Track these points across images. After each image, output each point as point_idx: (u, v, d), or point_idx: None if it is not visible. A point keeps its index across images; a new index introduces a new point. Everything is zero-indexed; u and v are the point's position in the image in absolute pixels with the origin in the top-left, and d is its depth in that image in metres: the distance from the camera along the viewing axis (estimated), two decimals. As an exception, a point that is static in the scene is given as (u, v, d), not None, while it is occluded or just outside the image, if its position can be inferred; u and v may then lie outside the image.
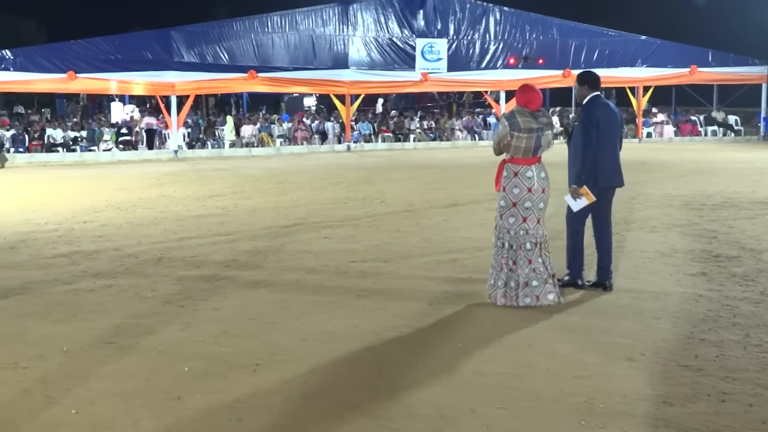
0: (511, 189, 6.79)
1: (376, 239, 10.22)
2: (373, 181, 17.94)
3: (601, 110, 7.19)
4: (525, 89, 6.88)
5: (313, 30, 30.25)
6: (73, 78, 26.58)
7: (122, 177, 20.21)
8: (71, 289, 7.63)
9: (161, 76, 27.76)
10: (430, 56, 31.71)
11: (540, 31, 33.28)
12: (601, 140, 7.09)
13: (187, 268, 8.60)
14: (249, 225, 11.67)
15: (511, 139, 6.70)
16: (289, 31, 29.87)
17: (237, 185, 17.44)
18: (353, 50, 30.83)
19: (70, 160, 26.40)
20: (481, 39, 32.54)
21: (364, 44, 30.99)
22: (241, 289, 7.57)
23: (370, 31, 31.06)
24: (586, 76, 7.42)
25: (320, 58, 30.35)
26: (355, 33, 30.84)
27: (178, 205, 14.15)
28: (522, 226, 6.78)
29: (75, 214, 13.00)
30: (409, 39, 31.54)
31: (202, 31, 28.92)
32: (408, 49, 31.55)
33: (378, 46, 31.18)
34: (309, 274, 8.22)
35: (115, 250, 9.76)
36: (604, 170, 7.17)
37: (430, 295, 7.18)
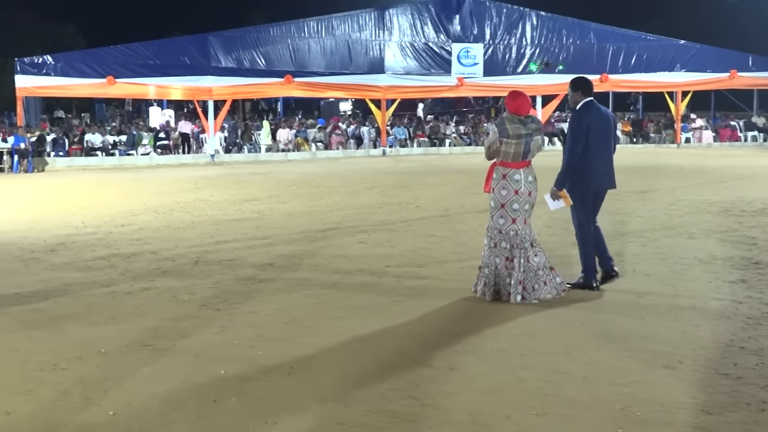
0: (499, 190, 7.13)
1: (411, 244, 10.21)
2: (409, 185, 17.94)
3: (593, 116, 7.41)
4: (514, 95, 7.16)
5: (349, 35, 30.35)
6: (112, 83, 26.91)
7: (160, 181, 20.39)
8: (109, 292, 7.71)
9: (199, 81, 28.00)
10: (466, 61, 31.67)
11: (577, 36, 33.09)
12: (594, 145, 7.34)
13: (223, 271, 8.66)
14: (285, 229, 11.72)
15: (501, 145, 7.03)
16: (326, 36, 29.99)
17: (273, 189, 17.52)
18: (389, 55, 30.88)
19: (109, 164, 26.70)
20: (517, 44, 32.43)
21: (400, 49, 31.03)
22: (277, 292, 7.59)
23: (406, 35, 31.09)
24: (579, 82, 7.60)
25: (356, 63, 30.44)
26: (391, 38, 30.88)
27: (214, 208, 14.25)
28: (512, 227, 7.09)
29: (113, 218, 13.14)
30: (445, 44, 31.52)
31: (240, 37, 29.14)
32: (444, 54, 31.53)
33: (414, 51, 31.20)
34: (344, 278, 8.23)
35: (152, 253, 9.85)
36: (597, 174, 7.45)
37: (466, 301, 7.15)
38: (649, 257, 9.10)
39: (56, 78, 26.66)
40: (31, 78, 26.42)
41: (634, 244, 9.94)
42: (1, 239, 11.08)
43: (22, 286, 8.03)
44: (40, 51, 32.74)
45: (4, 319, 6.75)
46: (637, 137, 35.11)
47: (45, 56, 27.06)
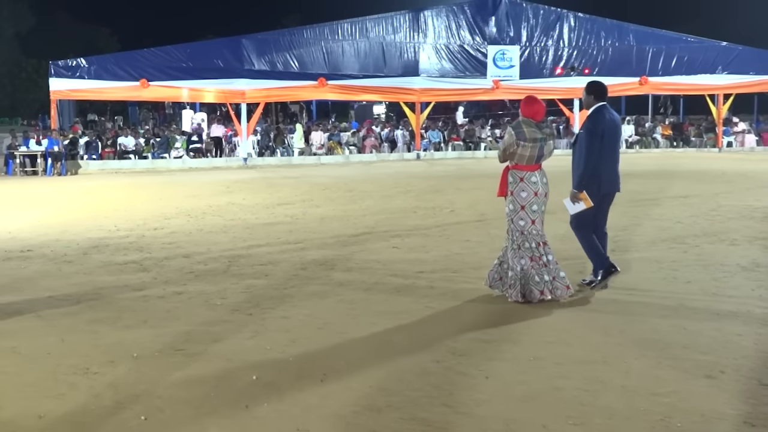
0: (518, 193, 7.36)
1: (445, 249, 10.18)
2: (443, 190, 17.91)
3: (607, 120, 7.69)
4: (530, 101, 7.47)
5: (384, 37, 30.41)
6: (145, 86, 27.22)
7: (192, 184, 20.55)
8: (141, 296, 7.77)
9: (232, 83, 28.23)
10: (502, 63, 31.59)
11: (616, 38, 32.87)
12: (605, 149, 7.65)
13: (255, 276, 8.69)
14: (317, 233, 11.75)
15: (517, 148, 7.30)
16: (360, 39, 30.07)
17: (306, 193, 17.58)
18: (424, 57, 30.90)
19: (142, 167, 26.96)
20: (554, 46, 32.29)
21: (435, 51, 31.03)
22: (310, 297, 7.61)
23: (441, 38, 31.09)
24: (593, 87, 7.92)
25: (390, 66, 30.49)
26: (426, 40, 30.89)
27: (247, 212, 14.32)
28: (533, 228, 7.33)
29: (146, 221, 13.26)
30: (480, 46, 31.48)
31: (273, 39, 29.33)
32: (479, 56, 31.49)
33: (449, 53, 31.19)
34: (378, 283, 8.23)
35: (184, 257, 9.92)
36: (607, 177, 7.75)
37: (502, 307, 7.12)
38: (689, 264, 9.00)
39: (90, 81, 27.03)
40: (65, 81, 26.80)
41: (674, 251, 9.84)
42: (35, 242, 11.22)
43: (54, 289, 8.13)
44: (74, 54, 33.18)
45: (37, 322, 6.83)
46: (678, 141, 34.77)
47: (79, 59, 27.44)
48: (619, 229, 11.64)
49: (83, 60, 27.25)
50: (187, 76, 27.83)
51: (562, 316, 6.78)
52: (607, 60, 32.59)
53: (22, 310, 7.20)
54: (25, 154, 25.32)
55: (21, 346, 6.08)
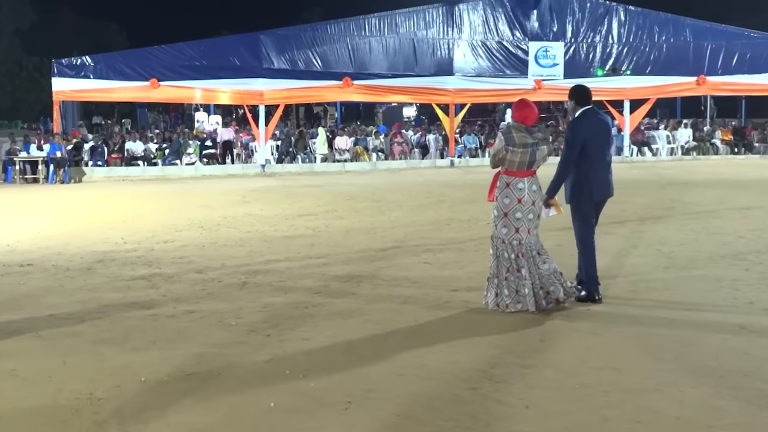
0: (502, 199, 7.87)
1: (481, 265, 10.13)
2: (479, 200, 17.85)
3: (589, 126, 8.10)
4: (521, 105, 7.98)
5: (415, 33, 30.44)
6: (155, 86, 27.36)
7: (206, 193, 20.67)
8: (150, 315, 7.82)
9: (249, 83, 28.31)
10: (545, 61, 31.51)
11: (670, 33, 32.68)
12: (592, 155, 8.06)
13: (273, 293, 8.73)
14: (342, 247, 11.77)
15: (506, 153, 7.79)
16: (388, 35, 30.11)
17: (329, 203, 17.62)
18: (458, 55, 30.89)
19: (151, 174, 27.11)
20: (602, 42, 32.17)
21: (471, 48, 31.02)
22: (333, 317, 7.63)
23: (478, 33, 31.07)
24: (574, 91, 8.34)
25: (422, 64, 30.50)
26: (461, 36, 30.89)
27: (265, 224, 14.38)
28: (515, 236, 7.76)
29: (155, 233, 13.35)
30: (521, 42, 31.43)
31: (294, 35, 29.39)
32: (520, 54, 31.43)
33: (486, 51, 31.16)
34: (407, 303, 8.23)
35: (197, 272, 9.98)
36: (598, 184, 8.17)
37: (543, 328, 7.09)
38: (752, 283, 8.92)
39: (96, 81, 27.17)
40: (68, 81, 26.97)
41: (735, 268, 9.76)
42: (35, 256, 11.34)
43: (56, 306, 8.20)
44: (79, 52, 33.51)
45: (38, 342, 6.90)
46: (739, 147, 34.48)
47: (84, 57, 27.62)
48: (675, 243, 11.58)
49: (88, 58, 27.42)
50: (200, 76, 27.94)
51: (610, 338, 6.74)
52: (661, 58, 32.39)
53: (22, 330, 7.27)
54: (25, 160, 25.48)
55: (20, 369, 6.14)
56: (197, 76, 27.92)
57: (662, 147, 33.03)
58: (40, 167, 25.28)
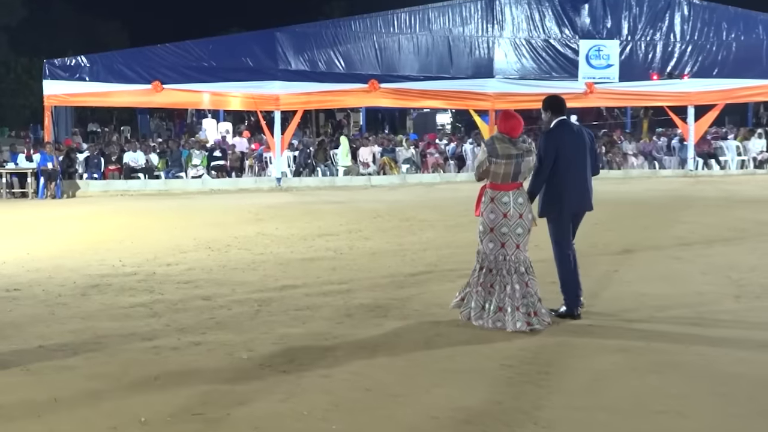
0: (487, 214, 8.52)
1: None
2: (523, 219, 17.83)
3: (564, 136, 8.77)
4: (506, 116, 8.62)
5: (450, 30, 30.49)
6: (158, 89, 27.49)
7: (214, 210, 20.75)
8: (151, 347, 7.84)
9: (263, 86, 28.41)
10: (597, 62, 31.46)
11: (741, 30, 32.52)
12: (566, 166, 8.71)
13: (290, 323, 8.73)
14: (367, 272, 11.77)
15: (490, 165, 8.42)
16: (420, 32, 30.17)
17: (352, 222, 17.63)
18: (499, 55, 30.90)
19: (153, 188, 27.23)
20: (663, 40, 32.10)
21: (514, 47, 31.03)
22: (357, 351, 7.61)
23: (521, 30, 31.08)
24: (547, 101, 9.06)
25: (458, 65, 30.54)
26: (503, 33, 30.92)
27: (280, 245, 14.41)
28: (500, 252, 8.46)
29: (157, 255, 13.41)
30: (570, 40, 31.42)
31: (314, 33, 29.50)
32: (569, 53, 31.41)
33: (531, 50, 31.17)
34: (440, 335, 8.20)
35: (204, 299, 10.00)
36: (573, 196, 8.85)
37: (597, 366, 7.05)
38: (836, 315, 8.84)
39: (92, 83, 27.34)
40: (61, 83, 27.15)
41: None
42: (23, 279, 11.41)
43: (46, 337, 8.24)
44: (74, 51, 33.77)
45: (26, 378, 6.92)
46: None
47: (79, 57, 27.81)
48: (746, 269, 11.49)
49: (84, 58, 27.58)
50: (208, 78, 28.06)
51: (672, 378, 6.69)
52: (730, 58, 32.21)
53: (7, 363, 7.31)
54: (12, 172, 25.65)
55: (5, 407, 6.16)
56: (205, 79, 28.05)
57: (731, 159, 32.78)
58: (29, 180, 25.45)
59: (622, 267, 11.96)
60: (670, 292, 9.94)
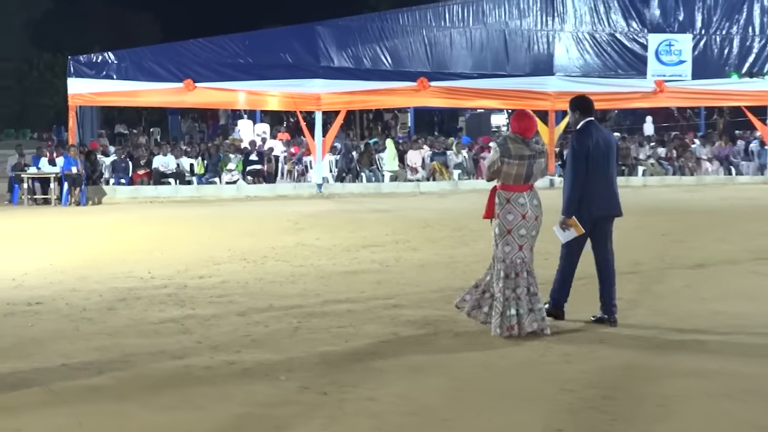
0: (504, 215, 8.83)
1: (586, 310, 10.08)
2: (586, 229, 17.74)
3: (593, 138, 9.17)
4: (520, 116, 9.01)
5: (506, 23, 30.43)
6: (190, 88, 27.61)
7: (250, 218, 20.84)
8: (182, 366, 7.89)
9: (303, 85, 28.46)
10: (668, 58, 31.26)
11: (826, 23, 32.16)
12: (594, 168, 9.11)
13: (332, 341, 8.75)
14: (415, 286, 11.78)
15: (502, 166, 8.76)
16: (474, 26, 30.14)
17: (400, 232, 17.63)
18: (560, 50, 30.79)
19: (185, 195, 27.37)
20: (740, 34, 31.84)
21: (576, 42, 30.90)
22: (404, 372, 7.61)
23: (585, 23, 30.96)
24: (576, 102, 9.45)
25: (515, 62, 30.46)
26: (564, 27, 30.81)
27: (321, 257, 14.45)
28: (518, 255, 8.82)
29: (189, 267, 13.49)
30: (638, 34, 31.25)
31: (358, 27, 29.52)
32: (636, 49, 31.25)
33: (595, 45, 31.02)
34: (495, 353, 8.18)
35: (239, 315, 10.05)
36: (599, 199, 9.22)
37: (665, 391, 7.00)
38: None
39: (120, 82, 27.52)
40: (87, 82, 27.34)
41: None
42: (45, 292, 11.50)
43: (70, 355, 8.30)
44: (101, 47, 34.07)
45: (48, 398, 6.97)
46: None
47: (106, 53, 28.01)
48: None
49: (111, 54, 27.75)
50: (244, 76, 28.17)
51: (752, 407, 6.62)
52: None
53: (29, 382, 7.37)
54: (34, 177, 25.83)
55: (26, 429, 6.22)
56: (241, 77, 28.16)
57: (817, 165, 32.49)
58: (52, 186, 25.58)
59: (695, 282, 11.87)
60: (749, 310, 9.85)
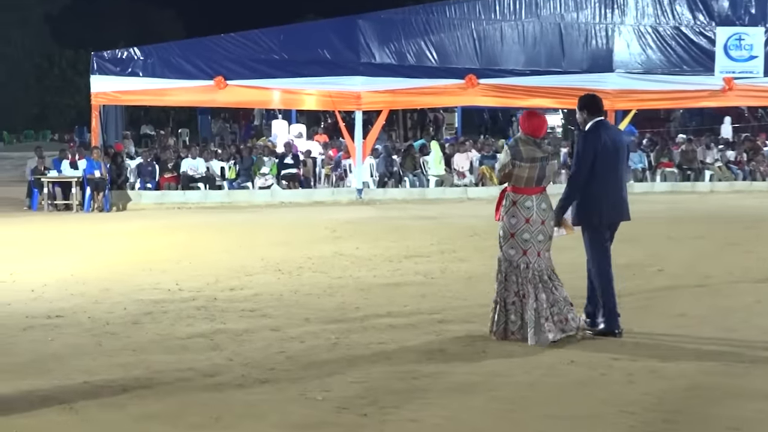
0: (508, 218, 9.26)
1: (648, 326, 10.05)
2: (646, 238, 17.65)
3: (602, 138, 9.41)
4: (530, 115, 9.41)
5: (562, 16, 30.29)
6: (221, 86, 27.68)
7: (285, 226, 20.91)
8: (212, 384, 7.93)
9: (342, 83, 28.45)
10: (738, 53, 31.03)
11: None
12: (604, 170, 9.35)
13: (372, 359, 8.76)
14: (462, 299, 11.78)
15: (513, 168, 9.12)
16: (527, 18, 30.03)
17: (446, 241, 17.62)
18: (620, 45, 30.61)
19: (215, 200, 27.46)
20: (820, 26, 31.51)
21: (637, 36, 30.72)
22: (450, 393, 7.61)
23: (646, 16, 30.76)
24: (584, 101, 9.70)
25: (571, 57, 30.32)
26: (624, 20, 30.63)
27: (361, 268, 14.48)
28: (522, 259, 9.20)
29: (219, 278, 13.56)
30: (705, 27, 31.04)
31: (402, 20, 29.47)
32: (703, 43, 31.03)
33: (657, 39, 30.82)
34: (549, 373, 8.17)
35: (272, 330, 10.09)
36: (609, 205, 9.53)
37: (735, 414, 6.95)
38: None
39: (145, 79, 27.57)
40: (111, 79, 27.41)
41: None
42: (66, 305, 11.60)
43: (93, 371, 8.37)
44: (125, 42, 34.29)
45: (69, 418, 7.03)
46: None
47: (131, 49, 28.11)
48: None
49: (137, 50, 27.84)
50: (279, 73, 28.14)
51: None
52: None
53: (48, 400, 7.43)
54: (55, 181, 25.93)
55: (46, 450, 6.28)
56: (275, 74, 28.15)
57: None
58: (73, 190, 25.63)
59: (766, 297, 11.78)
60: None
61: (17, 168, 38.44)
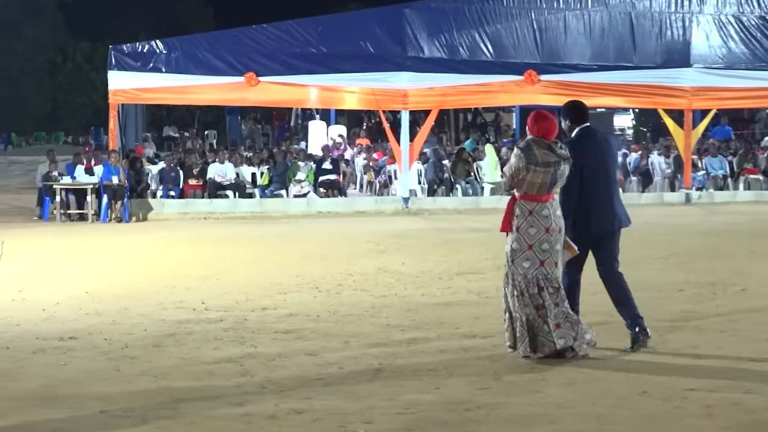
0: (526, 229, 9.45)
1: (732, 352, 10.00)
2: (728, 254, 17.57)
3: (591, 146, 9.86)
4: (540, 117, 9.54)
5: (633, 4, 30.21)
6: (253, 83, 27.74)
7: (322, 238, 20.96)
8: (242, 414, 7.95)
9: (387, 79, 28.44)
10: (834, 47, 30.81)
11: None
12: (590, 179, 9.67)
13: (420, 388, 8.76)
14: (520, 322, 11.74)
15: (527, 174, 9.31)
16: (593, 7, 29.95)
17: (502, 256, 17.51)
18: (698, 37, 30.48)
19: (245, 210, 27.52)
20: None
21: (718, 27, 30.58)
22: (506, 425, 7.61)
23: (729, 4, 30.61)
24: (567, 108, 10.18)
25: (642, 51, 30.22)
26: (702, 9, 30.50)
27: (408, 285, 14.49)
28: (540, 271, 9.44)
29: (249, 297, 13.60)
30: (795, 17, 30.83)
31: (453, 9, 29.40)
32: (793, 36, 30.83)
33: (741, 30, 30.67)
34: (618, 406, 8.14)
35: (308, 354, 10.11)
36: (597, 214, 9.83)
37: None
38: None
39: (169, 75, 27.63)
40: (131, 75, 27.48)
41: None
42: (81, 325, 11.68)
43: (110, 399, 8.41)
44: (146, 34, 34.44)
45: (83, 450, 7.09)
46: None
47: (153, 42, 28.22)
48: None
49: (159, 43, 27.88)
50: (316, 68, 28.14)
51: None
52: None
53: (62, 431, 7.49)
54: (68, 188, 26.07)
55: (59, 487, 6.32)
56: (312, 69, 28.16)
57: None
58: (89, 199, 25.78)
59: None
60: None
61: (27, 174, 38.79)
